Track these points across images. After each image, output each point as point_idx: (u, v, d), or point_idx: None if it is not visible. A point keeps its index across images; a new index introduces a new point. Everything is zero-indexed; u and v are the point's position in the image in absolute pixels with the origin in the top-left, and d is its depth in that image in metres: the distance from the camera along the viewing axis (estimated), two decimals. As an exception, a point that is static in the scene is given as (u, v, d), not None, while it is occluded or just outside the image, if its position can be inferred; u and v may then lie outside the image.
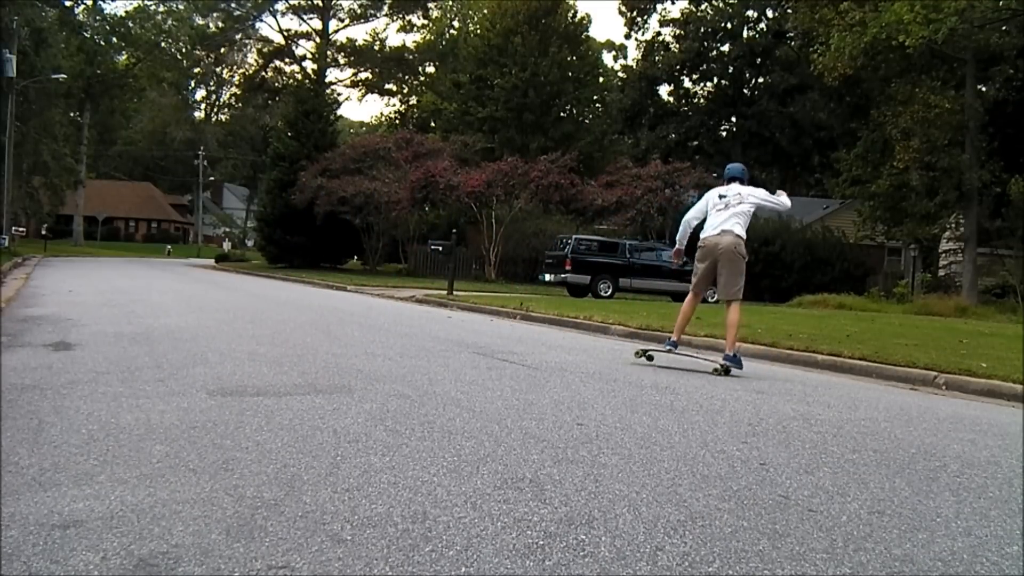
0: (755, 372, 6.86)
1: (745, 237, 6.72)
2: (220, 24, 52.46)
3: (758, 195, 6.89)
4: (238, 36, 54.68)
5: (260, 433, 3.52)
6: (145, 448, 3.19)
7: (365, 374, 5.36)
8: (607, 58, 48.45)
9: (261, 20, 53.67)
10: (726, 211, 6.73)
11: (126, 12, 53.38)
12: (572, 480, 3.00)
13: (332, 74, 55.39)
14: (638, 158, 34.51)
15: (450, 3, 56.81)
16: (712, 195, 6.97)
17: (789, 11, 30.42)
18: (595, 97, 42.21)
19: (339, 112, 51.73)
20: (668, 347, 6.90)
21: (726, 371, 6.37)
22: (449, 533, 2.37)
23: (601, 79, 43.23)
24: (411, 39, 56.85)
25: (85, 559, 2.08)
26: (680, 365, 6.75)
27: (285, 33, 53.60)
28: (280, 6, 50.67)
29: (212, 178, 71.50)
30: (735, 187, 6.89)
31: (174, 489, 2.67)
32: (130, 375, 4.91)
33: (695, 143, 37.61)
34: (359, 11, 51.36)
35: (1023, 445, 4.25)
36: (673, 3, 74.98)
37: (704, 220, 6.93)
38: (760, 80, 37.44)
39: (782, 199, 6.98)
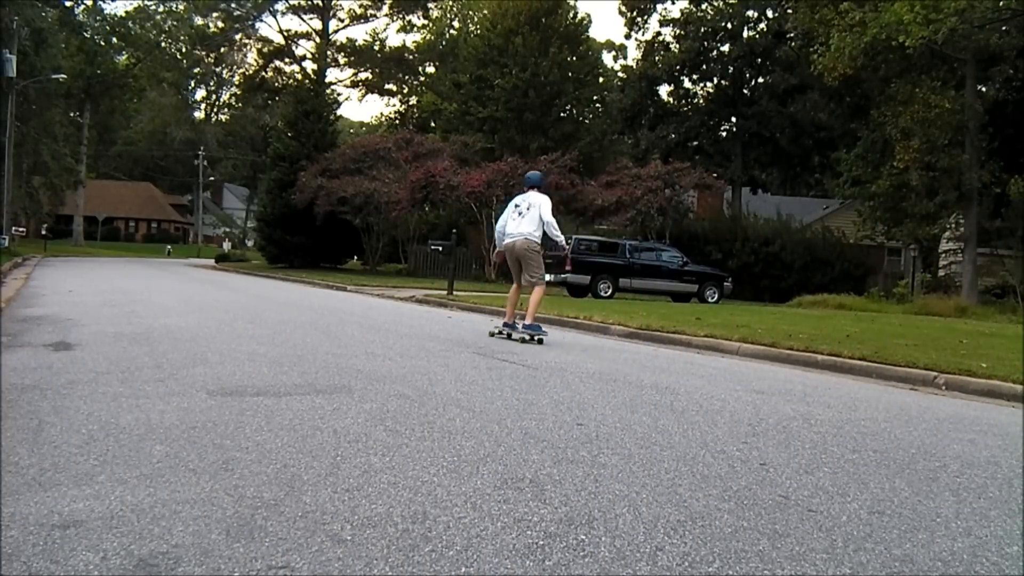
0: (755, 372, 6.86)
1: (538, 233, 8.21)
2: (220, 24, 52.44)
3: (544, 209, 8.21)
4: (238, 36, 54.64)
5: (260, 433, 3.52)
6: (145, 448, 3.20)
7: (365, 374, 5.36)
8: (607, 58, 48.43)
9: (261, 20, 53.67)
10: (519, 219, 8.30)
11: (126, 12, 53.49)
12: (572, 480, 3.00)
13: (332, 74, 55.53)
14: (638, 158, 34.45)
15: (450, 3, 56.77)
16: (511, 206, 8.51)
17: (789, 11, 30.35)
18: (595, 97, 42.11)
19: (339, 112, 51.82)
20: (505, 329, 8.34)
21: (532, 339, 7.90)
22: (449, 533, 2.37)
23: (601, 79, 43.12)
24: (411, 39, 56.88)
25: (85, 559, 2.08)
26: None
27: (285, 33, 53.63)
28: (280, 6, 50.64)
29: (212, 178, 71.51)
30: (532, 195, 8.36)
31: (174, 489, 2.68)
32: (130, 375, 4.91)
33: (695, 143, 37.52)
34: (359, 11, 51.31)
35: (1023, 445, 4.25)
36: (673, 3, 75.09)
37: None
38: (760, 80, 37.34)
39: (557, 236, 8.25)
